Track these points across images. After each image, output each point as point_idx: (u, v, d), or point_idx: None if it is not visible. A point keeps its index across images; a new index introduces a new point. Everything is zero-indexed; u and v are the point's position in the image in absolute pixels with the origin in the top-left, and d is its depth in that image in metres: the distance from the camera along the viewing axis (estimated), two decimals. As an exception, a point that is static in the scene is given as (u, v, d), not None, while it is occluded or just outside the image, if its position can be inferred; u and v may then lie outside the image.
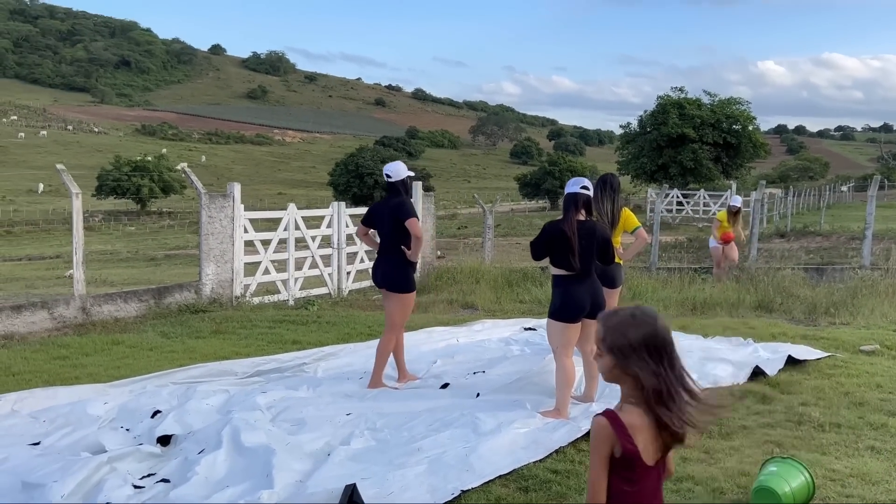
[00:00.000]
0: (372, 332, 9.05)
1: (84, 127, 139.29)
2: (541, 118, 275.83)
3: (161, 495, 4.20)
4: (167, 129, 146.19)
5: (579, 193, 5.39)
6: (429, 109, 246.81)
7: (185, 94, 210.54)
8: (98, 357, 7.60)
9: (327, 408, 5.72)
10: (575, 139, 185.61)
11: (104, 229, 51.91)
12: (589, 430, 4.84)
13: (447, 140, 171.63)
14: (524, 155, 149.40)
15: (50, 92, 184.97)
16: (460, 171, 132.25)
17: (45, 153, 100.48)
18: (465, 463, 4.46)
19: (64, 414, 5.55)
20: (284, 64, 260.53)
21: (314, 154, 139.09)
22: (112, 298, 9.89)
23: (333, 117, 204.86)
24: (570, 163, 75.05)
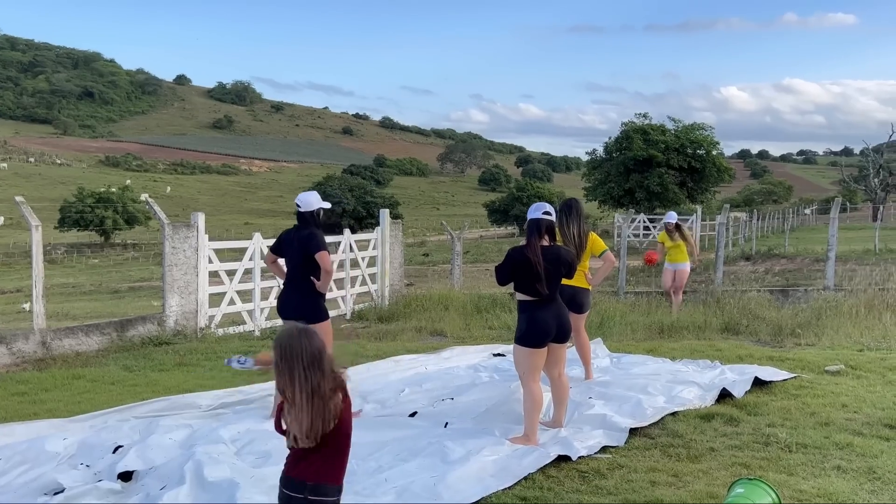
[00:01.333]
0: (339, 362, 8.93)
1: (46, 159, 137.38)
2: (508, 145, 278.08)
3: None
4: (131, 160, 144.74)
5: (541, 219, 5.41)
6: (396, 137, 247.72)
7: (150, 125, 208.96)
8: (58, 392, 7.40)
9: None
10: (542, 166, 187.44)
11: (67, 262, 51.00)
12: (559, 456, 4.86)
13: (415, 168, 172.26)
14: (492, 182, 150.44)
15: (11, 124, 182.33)
16: (429, 198, 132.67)
17: (6, 185, 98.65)
18: (432, 492, 4.42)
19: (21, 451, 5.37)
20: (251, 93, 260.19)
21: (281, 183, 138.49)
22: (73, 332, 9.68)
23: (300, 146, 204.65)
24: (538, 189, 75.78)
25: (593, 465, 4.85)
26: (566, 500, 4.28)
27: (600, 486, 4.50)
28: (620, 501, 4.23)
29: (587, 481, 4.61)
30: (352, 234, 14.31)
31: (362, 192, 67.38)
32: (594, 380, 7.20)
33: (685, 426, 5.70)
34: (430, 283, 18.11)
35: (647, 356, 8.45)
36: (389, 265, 14.71)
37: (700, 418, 5.89)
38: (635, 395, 6.44)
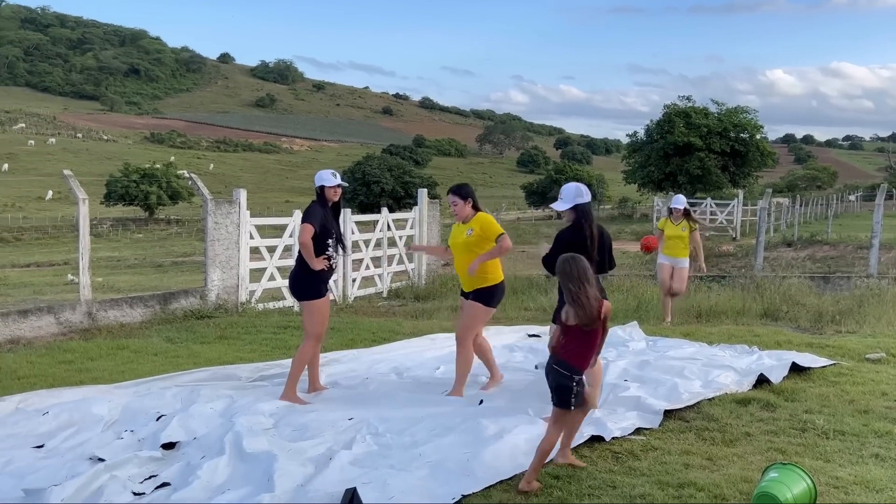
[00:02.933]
0: (376, 339, 9.07)
1: (93, 135, 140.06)
2: (548, 127, 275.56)
3: (161, 498, 4.20)
4: (176, 137, 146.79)
5: (590, 203, 5.54)
6: (436, 118, 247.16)
7: (194, 103, 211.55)
8: (103, 361, 7.63)
9: (329, 413, 5.73)
10: (582, 148, 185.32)
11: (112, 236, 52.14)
12: (592, 437, 4.87)
13: (454, 148, 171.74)
14: (531, 163, 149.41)
15: (60, 100, 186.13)
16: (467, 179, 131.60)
17: (55, 160, 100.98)
18: (466, 468, 4.46)
19: (69, 410, 5.57)
20: (293, 73, 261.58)
21: (321, 162, 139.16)
22: (118, 304, 9.94)
23: (341, 126, 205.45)
24: (577, 171, 75.11)
25: (627, 447, 4.86)
26: (599, 479, 4.29)
27: (633, 468, 4.50)
28: (654, 482, 4.24)
29: (620, 462, 4.62)
30: (389, 214, 14.40)
31: (401, 172, 67.36)
32: (631, 361, 7.17)
33: (721, 410, 5.67)
34: None
35: (683, 340, 8.40)
36: (426, 244, 14.77)
37: (736, 403, 5.85)
38: (671, 379, 6.42)
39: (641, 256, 23.59)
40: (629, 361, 7.18)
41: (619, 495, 4.07)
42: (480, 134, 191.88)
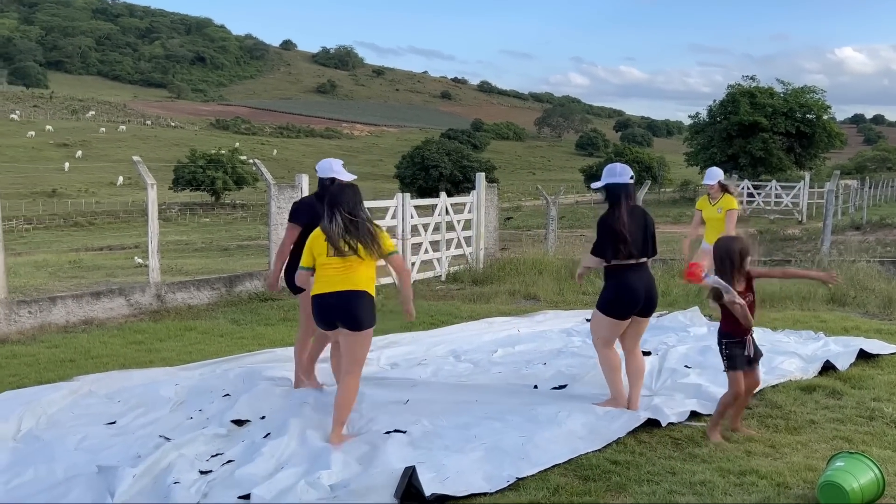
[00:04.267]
0: (434, 322, 9.14)
1: (161, 122, 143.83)
2: (607, 109, 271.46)
3: (226, 474, 4.34)
4: (240, 124, 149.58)
5: (630, 184, 5.21)
6: (494, 102, 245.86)
7: (258, 89, 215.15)
8: (171, 342, 7.90)
9: (387, 394, 5.82)
10: (642, 130, 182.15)
11: (180, 220, 53.63)
12: (649, 421, 4.83)
13: (512, 132, 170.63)
14: (590, 146, 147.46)
15: (130, 88, 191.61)
16: (525, 163, 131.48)
17: (125, 147, 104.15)
18: (521, 451, 4.48)
19: (137, 395, 5.79)
20: (353, 58, 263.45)
21: (381, 147, 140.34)
22: (185, 286, 10.25)
23: (400, 110, 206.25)
24: (637, 154, 73.84)
25: (687, 433, 4.81)
26: (658, 465, 4.27)
27: (694, 454, 4.46)
28: (714, 469, 4.19)
29: (680, 448, 4.58)
30: (448, 198, 14.43)
31: (459, 157, 67.31)
32: (692, 347, 7.06)
33: (785, 397, 5.55)
34: (523, 248, 18.08)
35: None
36: (484, 229, 14.78)
37: (801, 390, 5.72)
38: (733, 365, 6.30)
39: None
40: (690, 347, 7.08)
41: (679, 482, 4.03)
42: (539, 117, 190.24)
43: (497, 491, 3.96)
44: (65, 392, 5.77)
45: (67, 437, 4.99)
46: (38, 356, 7.34)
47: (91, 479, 4.29)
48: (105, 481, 4.21)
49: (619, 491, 3.93)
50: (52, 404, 5.56)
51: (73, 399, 5.72)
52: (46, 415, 5.42)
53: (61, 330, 8.63)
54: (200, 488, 4.13)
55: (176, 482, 4.10)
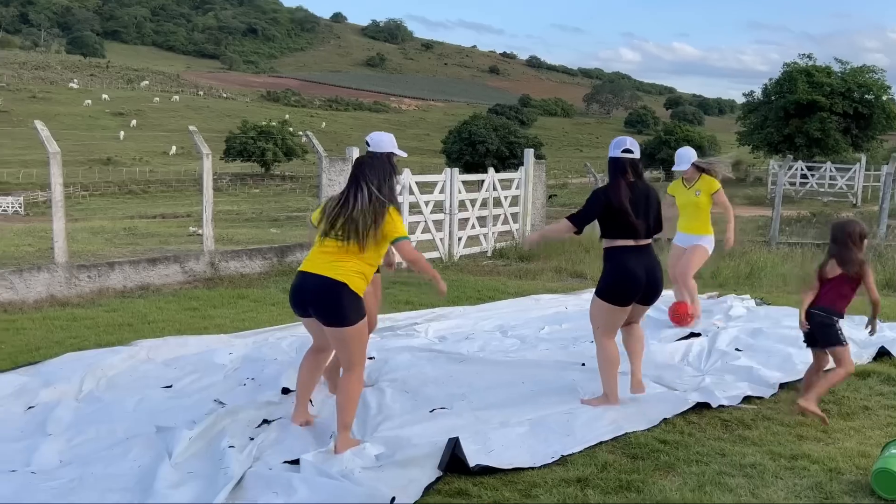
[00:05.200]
0: (481, 297, 9.18)
1: (213, 92, 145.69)
2: (658, 86, 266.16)
3: (276, 440, 4.43)
4: (290, 96, 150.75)
5: (621, 158, 4.82)
6: (543, 77, 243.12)
7: (308, 62, 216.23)
8: (225, 309, 8.08)
9: (434, 367, 5.89)
10: (693, 108, 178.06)
11: (231, 191, 54.50)
12: (698, 403, 4.80)
13: (560, 108, 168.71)
14: (639, 124, 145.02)
15: (183, 59, 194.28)
16: (572, 139, 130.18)
17: (178, 117, 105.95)
18: (566, 428, 4.50)
19: (193, 362, 5.96)
20: (402, 32, 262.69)
21: (428, 122, 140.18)
22: (238, 255, 10.45)
23: (448, 85, 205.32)
24: (688, 132, 72.36)
25: (737, 415, 4.77)
26: (708, 447, 4.25)
27: (744, 436, 4.43)
28: (765, 452, 4.16)
29: (730, 430, 4.55)
30: (496, 173, 14.39)
31: (506, 132, 66.84)
32: (742, 329, 6.97)
33: (837, 383, 5.45)
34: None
35: (797, 309, 8.06)
36: (531, 205, 14.73)
37: (855, 376, 5.59)
38: (784, 349, 6.22)
39: (753, 220, 22.64)
40: (740, 329, 6.99)
41: (729, 463, 4.02)
42: (588, 93, 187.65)
43: (542, 466, 3.98)
44: (124, 356, 5.96)
45: (126, 399, 5.16)
46: (98, 319, 7.59)
47: (150, 439, 4.43)
48: (163, 442, 4.35)
49: (668, 470, 3.93)
50: (111, 367, 5.75)
51: (132, 363, 5.90)
52: (106, 377, 5.60)
53: (119, 294, 8.90)
54: (252, 452, 4.24)
55: (231, 446, 4.21)
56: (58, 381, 5.41)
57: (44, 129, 8.73)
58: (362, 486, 3.69)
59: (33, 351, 6.39)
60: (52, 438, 4.51)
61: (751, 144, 49.81)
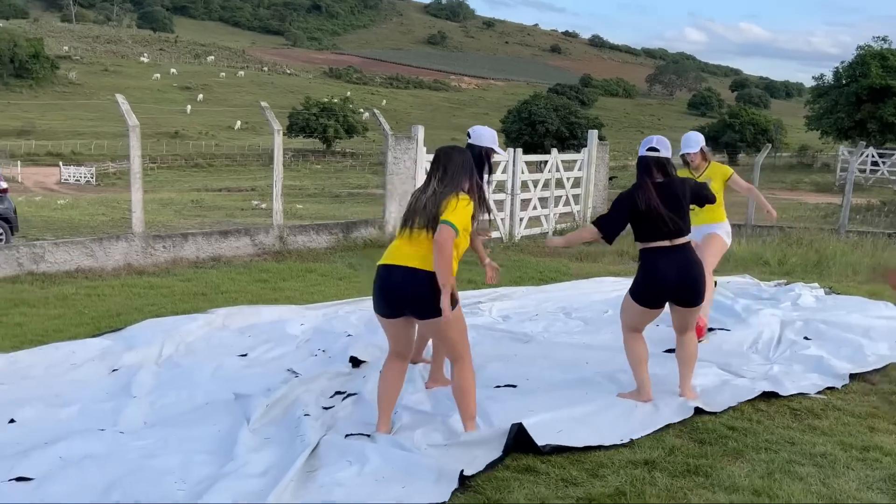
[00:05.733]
0: (543, 278, 9.21)
1: (278, 68, 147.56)
2: (724, 67, 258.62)
3: (348, 411, 4.58)
4: (352, 73, 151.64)
5: (646, 156, 4.62)
6: (605, 57, 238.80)
7: (370, 39, 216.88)
8: (294, 282, 8.31)
9: (500, 346, 5.97)
10: (760, 91, 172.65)
11: (293, 166, 55.34)
12: (765, 393, 4.76)
13: (622, 89, 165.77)
14: (703, 106, 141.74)
15: (248, 34, 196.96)
16: (633, 121, 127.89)
17: (243, 92, 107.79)
18: (633, 411, 4.52)
19: (266, 331, 6.17)
20: (464, 9, 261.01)
21: (487, 101, 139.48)
22: (305, 230, 10.69)
23: (508, 63, 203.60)
24: (753, 115, 70.46)
25: (806, 405, 4.73)
26: (777, 434, 4.24)
27: (813, 426, 4.40)
28: (835, 443, 4.13)
29: (799, 419, 4.52)
30: (559, 154, 14.33)
31: (567, 113, 66.05)
32: (811, 318, 6.86)
33: (912, 376, 5.35)
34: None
35: (867, 300, 7.90)
36: (594, 187, 14.64)
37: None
38: (856, 339, 6.11)
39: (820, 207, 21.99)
40: (809, 318, 6.88)
41: (798, 452, 4.00)
42: (651, 74, 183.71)
43: (611, 447, 4.02)
44: (201, 323, 6.20)
45: (204, 365, 5.38)
46: (173, 288, 7.89)
47: (229, 405, 4.63)
48: (241, 408, 4.54)
49: (736, 457, 3.93)
50: (189, 334, 5.99)
51: (209, 331, 6.14)
52: (185, 343, 5.85)
53: (192, 265, 9.22)
54: (326, 422, 4.38)
55: (306, 414, 4.36)
56: (139, 346, 5.67)
57: (124, 102, 9.04)
58: (431, 459, 3.80)
59: (114, 317, 6.69)
60: (137, 401, 4.73)
61: (819, 129, 48.26)
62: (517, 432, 3.91)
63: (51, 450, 3.87)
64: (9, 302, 7.14)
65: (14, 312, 6.76)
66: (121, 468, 3.70)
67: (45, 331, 6.16)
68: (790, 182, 35.46)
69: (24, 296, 7.41)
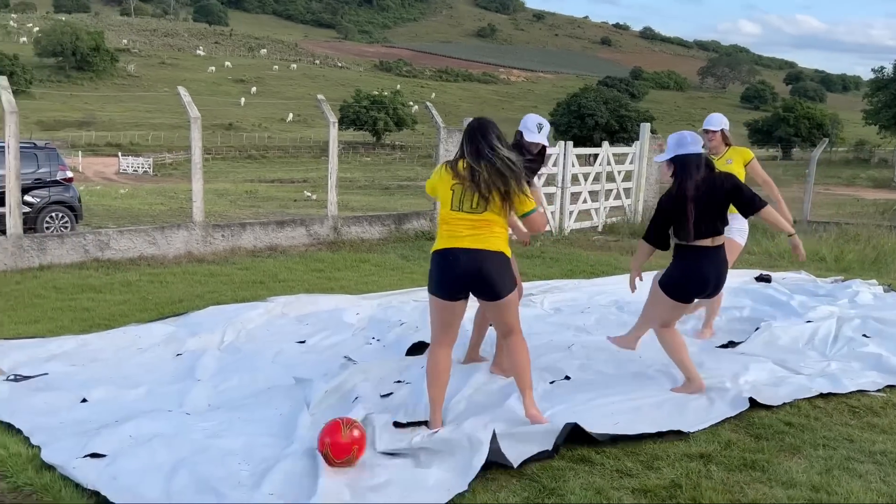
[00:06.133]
0: (594, 271, 9.20)
1: (329, 61, 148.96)
2: (778, 60, 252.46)
3: (403, 399, 4.67)
4: (402, 66, 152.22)
5: (692, 154, 4.53)
6: (656, 49, 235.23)
7: (420, 32, 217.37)
8: (348, 272, 8.46)
9: (553, 337, 6.00)
10: (815, 84, 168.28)
11: (343, 158, 55.84)
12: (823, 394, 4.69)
13: (673, 82, 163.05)
14: (756, 99, 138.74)
15: (301, 28, 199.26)
16: (684, 114, 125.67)
17: (295, 85, 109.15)
18: (686, 405, 4.51)
19: (324, 320, 6.32)
20: (514, 2, 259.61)
21: (536, 94, 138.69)
22: (359, 221, 10.86)
23: (558, 56, 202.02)
24: (808, 109, 68.76)
25: (865, 402, 4.68)
26: (835, 431, 4.20)
27: (872, 424, 4.35)
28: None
29: (858, 417, 4.47)
30: (609, 147, 14.23)
31: (616, 106, 65.40)
32: (869, 315, 6.74)
33: (976, 377, 5.22)
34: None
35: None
36: (645, 181, 14.50)
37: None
38: (918, 337, 5.99)
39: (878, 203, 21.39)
40: (867, 316, 6.75)
41: (857, 449, 3.97)
42: (703, 66, 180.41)
43: (666, 440, 4.03)
44: (261, 311, 6.38)
45: (265, 351, 5.54)
46: (232, 276, 8.11)
47: (289, 389, 4.77)
48: (301, 393, 4.67)
49: (794, 453, 3.92)
50: (250, 321, 6.17)
51: (268, 318, 6.31)
52: (246, 330, 6.02)
53: (249, 254, 9.45)
54: (381, 409, 4.46)
55: (359, 400, 4.46)
56: (202, 332, 5.87)
57: (186, 94, 9.29)
58: (484, 445, 3.86)
59: (176, 303, 6.92)
60: (201, 384, 4.90)
61: (877, 123, 46.89)
62: (572, 429, 3.93)
63: (121, 428, 4.04)
64: (77, 287, 7.43)
65: (82, 297, 7.03)
66: (187, 447, 3.84)
67: (112, 315, 6.40)
68: (846, 177, 34.59)
69: (90, 281, 7.70)
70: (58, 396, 4.58)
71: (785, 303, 7.28)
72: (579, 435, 3.92)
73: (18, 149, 8.08)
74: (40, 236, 8.76)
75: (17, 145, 8.03)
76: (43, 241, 8.47)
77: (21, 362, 5.12)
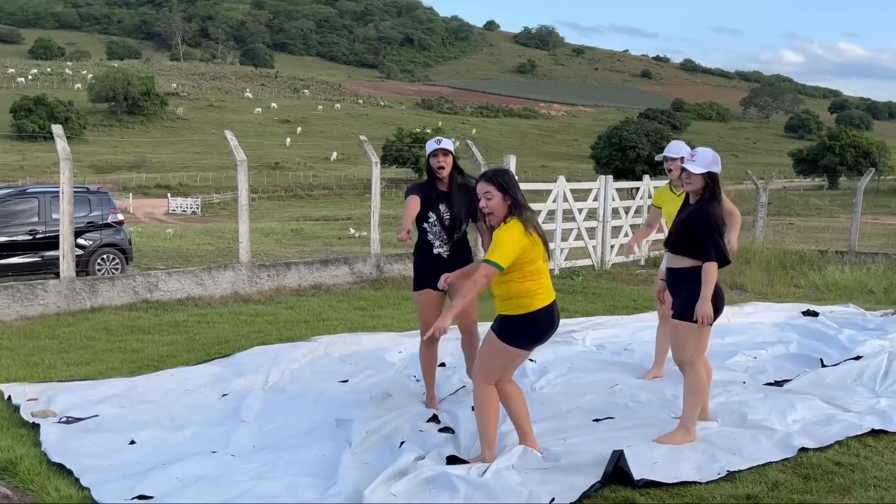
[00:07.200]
0: (637, 307, 9.12)
1: (372, 101, 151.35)
2: (822, 89, 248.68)
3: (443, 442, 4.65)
4: (443, 103, 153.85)
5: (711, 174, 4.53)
6: (697, 81, 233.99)
7: (461, 70, 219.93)
8: (391, 310, 8.53)
9: (594, 376, 5.97)
10: (861, 112, 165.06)
11: (387, 195, 56.40)
12: (874, 430, 4.57)
13: (715, 112, 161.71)
14: (801, 129, 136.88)
15: (344, 68, 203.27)
16: (727, 145, 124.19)
17: (339, 124, 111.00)
18: (732, 445, 4.43)
19: (367, 358, 6.39)
20: (554, 38, 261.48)
21: (577, 127, 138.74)
22: (400, 258, 10.95)
23: (598, 90, 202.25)
24: (854, 137, 67.49)
25: (917, 441, 4.55)
26: (886, 471, 4.09)
27: (925, 464, 4.22)
28: (949, 482, 3.96)
29: (909, 456, 4.35)
30: (651, 180, 14.16)
31: (658, 137, 65.00)
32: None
33: None
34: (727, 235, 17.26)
35: None
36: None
37: None
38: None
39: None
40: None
41: (910, 490, 3.86)
42: (745, 97, 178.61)
43: (709, 482, 3.97)
44: (304, 351, 6.48)
45: (308, 392, 5.60)
46: (278, 316, 8.24)
47: (332, 430, 4.82)
48: (343, 433, 4.72)
49: (844, 493, 3.83)
50: (294, 361, 6.26)
51: (312, 358, 6.40)
52: (290, 370, 6.11)
53: (294, 293, 9.59)
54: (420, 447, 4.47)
55: (402, 442, 4.48)
56: (248, 372, 5.97)
57: (233, 139, 9.56)
58: (525, 488, 3.85)
59: (223, 343, 7.05)
60: (246, 425, 4.98)
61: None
62: (616, 464, 3.92)
63: (168, 470, 4.14)
64: (126, 329, 7.63)
65: (131, 339, 7.22)
66: (232, 490, 3.91)
67: (160, 356, 6.56)
68: (895, 206, 33.73)
69: (139, 322, 7.90)
70: (107, 438, 4.70)
71: (833, 337, 7.12)
72: (620, 476, 3.89)
73: (72, 194, 8.36)
74: (92, 279, 9.03)
75: (71, 191, 8.33)
76: (95, 284, 8.72)
77: (73, 404, 5.27)
